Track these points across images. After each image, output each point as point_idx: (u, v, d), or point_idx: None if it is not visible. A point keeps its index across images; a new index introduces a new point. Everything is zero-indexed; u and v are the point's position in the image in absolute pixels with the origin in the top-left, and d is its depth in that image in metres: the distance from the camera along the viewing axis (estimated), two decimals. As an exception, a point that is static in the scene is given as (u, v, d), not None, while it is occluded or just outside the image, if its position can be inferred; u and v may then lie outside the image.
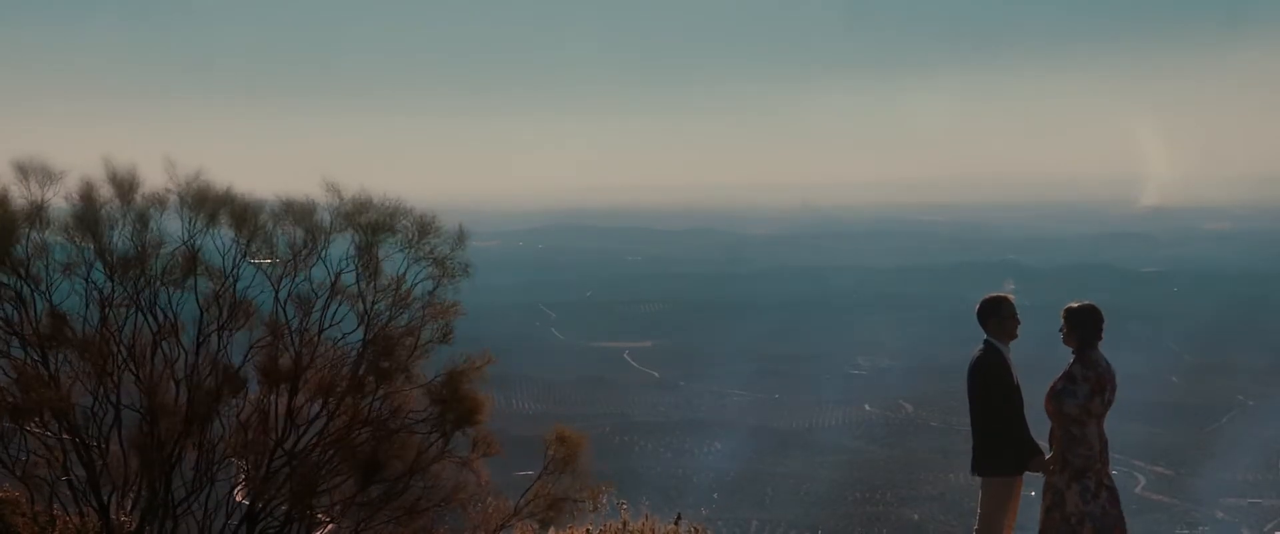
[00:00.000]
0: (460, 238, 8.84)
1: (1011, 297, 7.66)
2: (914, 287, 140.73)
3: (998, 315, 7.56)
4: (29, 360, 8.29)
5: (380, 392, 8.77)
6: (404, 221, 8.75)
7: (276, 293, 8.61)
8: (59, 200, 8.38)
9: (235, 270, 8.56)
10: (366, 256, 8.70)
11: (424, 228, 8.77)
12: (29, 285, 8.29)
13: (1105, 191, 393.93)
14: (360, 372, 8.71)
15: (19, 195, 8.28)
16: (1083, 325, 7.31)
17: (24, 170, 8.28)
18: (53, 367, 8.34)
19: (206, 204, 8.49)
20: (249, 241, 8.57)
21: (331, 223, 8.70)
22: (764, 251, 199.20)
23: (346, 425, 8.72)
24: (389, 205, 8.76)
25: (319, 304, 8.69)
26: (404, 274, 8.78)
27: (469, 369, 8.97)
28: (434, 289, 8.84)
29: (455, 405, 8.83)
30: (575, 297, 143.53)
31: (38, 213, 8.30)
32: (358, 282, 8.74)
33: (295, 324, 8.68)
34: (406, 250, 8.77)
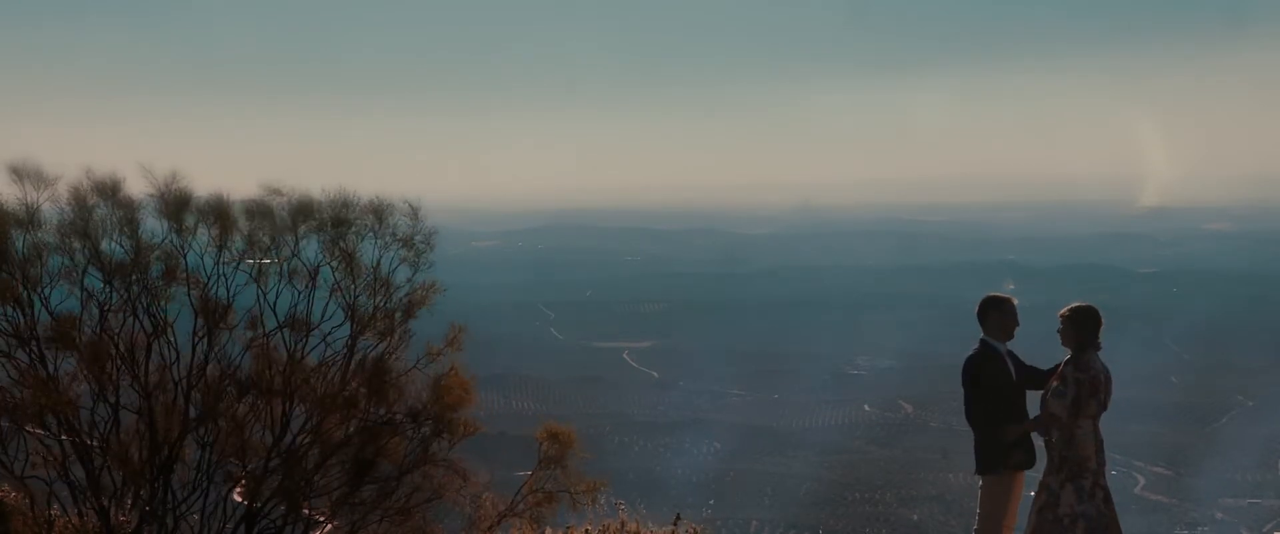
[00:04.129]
0: (413, 214, 8.88)
1: (1013, 298, 7.67)
2: (914, 287, 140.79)
3: (999, 312, 7.56)
4: (29, 362, 8.30)
5: (373, 406, 8.78)
6: (357, 214, 8.78)
7: (263, 294, 8.61)
8: (55, 203, 8.39)
9: (218, 270, 8.57)
10: (338, 250, 8.73)
11: (380, 214, 8.82)
12: (26, 287, 8.29)
13: (1105, 191, 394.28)
14: (353, 387, 8.72)
15: (13, 198, 8.29)
16: (1078, 327, 7.32)
17: (19, 173, 8.29)
18: (53, 368, 8.34)
19: (189, 207, 8.50)
20: (224, 243, 8.57)
21: (293, 221, 8.72)
22: (763, 251, 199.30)
23: (339, 422, 8.73)
24: (339, 201, 8.78)
25: (299, 299, 8.70)
26: (379, 263, 8.81)
27: (441, 350, 8.99)
28: (412, 276, 8.87)
29: (441, 397, 8.84)
30: (575, 296, 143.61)
31: (32, 216, 8.30)
32: (334, 275, 8.77)
33: (281, 329, 8.69)
34: (373, 239, 8.82)
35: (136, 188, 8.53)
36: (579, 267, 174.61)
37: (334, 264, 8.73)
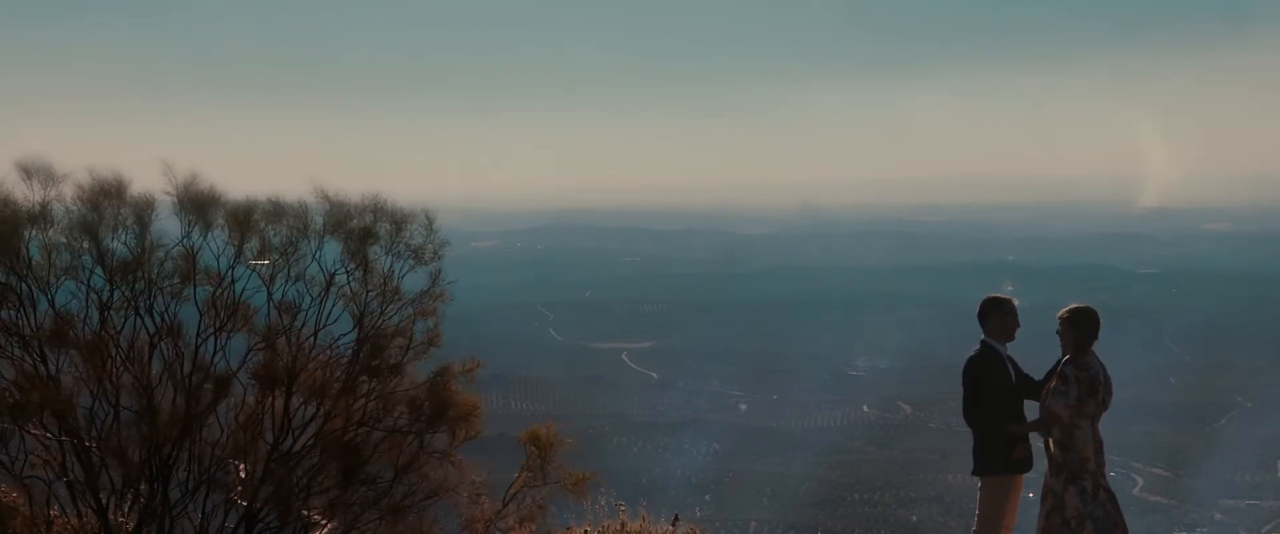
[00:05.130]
0: (429, 224, 8.89)
1: (1014, 298, 7.67)
2: (913, 287, 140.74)
3: (1000, 312, 7.56)
4: (30, 360, 8.29)
5: (373, 388, 8.77)
6: (383, 223, 8.79)
7: (269, 294, 8.61)
8: (61, 201, 8.37)
9: (231, 272, 8.56)
10: (355, 257, 8.72)
11: (399, 223, 8.82)
12: (30, 286, 8.29)
13: (1105, 192, 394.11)
14: (353, 371, 8.72)
15: (22, 196, 8.28)
16: (1077, 328, 7.31)
17: (27, 171, 8.28)
18: (54, 368, 8.33)
19: (205, 207, 8.49)
20: (242, 244, 8.57)
21: (323, 225, 8.72)
22: (763, 252, 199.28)
23: (341, 427, 8.72)
24: (369, 206, 8.79)
25: (312, 305, 8.69)
26: (391, 271, 8.81)
27: (459, 372, 8.99)
28: (428, 288, 8.87)
29: (445, 410, 8.83)
30: (574, 297, 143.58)
31: (41, 214, 8.29)
32: (349, 281, 8.76)
33: (287, 326, 8.68)
34: (388, 248, 8.82)
35: (145, 186, 8.53)
36: (578, 267, 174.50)
37: (350, 269, 8.72)
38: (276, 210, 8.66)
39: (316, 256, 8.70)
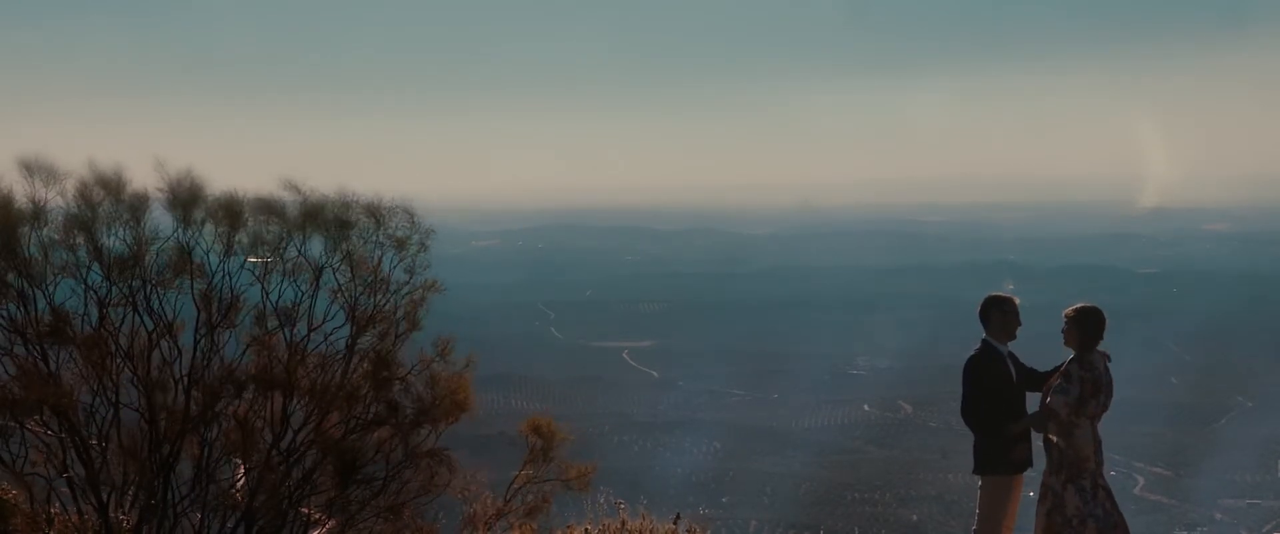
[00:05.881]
0: (411, 216, 8.88)
1: (1016, 298, 7.66)
2: (914, 287, 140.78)
3: (1001, 312, 7.55)
4: (30, 357, 8.29)
5: (376, 399, 8.78)
6: (359, 216, 8.78)
7: (264, 291, 8.61)
8: (60, 200, 8.38)
9: (223, 267, 8.57)
10: (338, 250, 8.73)
11: (377, 216, 8.81)
12: (31, 284, 8.29)
13: (1105, 191, 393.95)
14: (348, 368, 8.72)
15: (22, 195, 8.29)
16: (1082, 327, 7.30)
17: (29, 169, 8.28)
18: (54, 365, 8.33)
19: (194, 202, 8.49)
20: (232, 238, 8.57)
21: (304, 221, 8.72)
22: (763, 251, 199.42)
23: (338, 425, 8.72)
24: (343, 200, 8.78)
25: (303, 300, 8.70)
26: (378, 262, 8.81)
27: (432, 359, 9.00)
28: (410, 280, 8.87)
29: (441, 397, 8.84)
30: (574, 296, 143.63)
31: (40, 212, 8.30)
32: (334, 275, 8.77)
33: (282, 322, 8.69)
34: (372, 240, 8.82)
35: (145, 183, 8.53)
36: (579, 266, 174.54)
37: (335, 264, 8.72)
38: (261, 206, 8.66)
39: (302, 250, 8.71)
